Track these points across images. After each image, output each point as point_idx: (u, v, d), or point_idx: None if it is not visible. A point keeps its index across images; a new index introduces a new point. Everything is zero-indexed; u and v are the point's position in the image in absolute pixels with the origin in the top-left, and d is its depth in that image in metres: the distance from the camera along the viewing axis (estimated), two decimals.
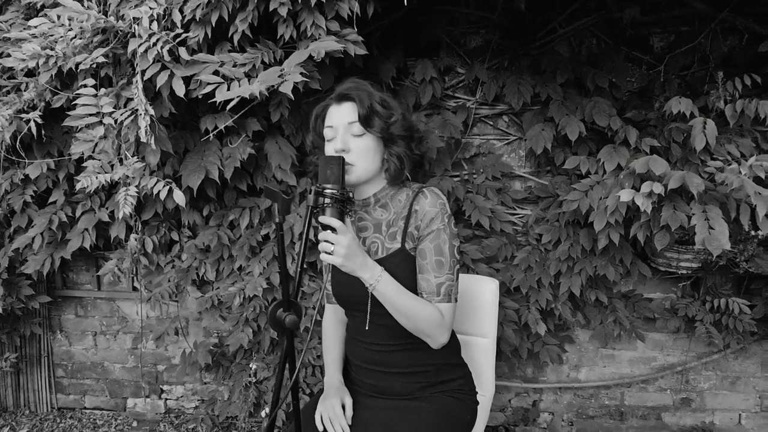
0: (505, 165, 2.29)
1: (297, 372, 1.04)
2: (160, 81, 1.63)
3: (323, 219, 1.06)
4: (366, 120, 1.16)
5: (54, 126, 2.03)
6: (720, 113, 1.88)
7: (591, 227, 1.94)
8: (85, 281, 2.56)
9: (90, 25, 1.66)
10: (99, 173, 1.82)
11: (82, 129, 1.77)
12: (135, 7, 1.63)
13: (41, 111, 1.86)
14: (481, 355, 1.55)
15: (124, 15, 1.66)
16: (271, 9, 1.54)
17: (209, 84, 1.61)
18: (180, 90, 1.64)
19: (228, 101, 1.56)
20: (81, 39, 1.71)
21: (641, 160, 1.69)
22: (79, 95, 1.72)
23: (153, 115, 1.68)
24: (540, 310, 2.23)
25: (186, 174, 1.94)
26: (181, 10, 1.62)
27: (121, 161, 1.83)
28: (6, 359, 2.46)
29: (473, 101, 2.28)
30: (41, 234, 2.14)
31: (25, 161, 2.04)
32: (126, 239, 2.18)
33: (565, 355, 2.42)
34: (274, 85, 1.51)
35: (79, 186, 1.81)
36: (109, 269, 2.24)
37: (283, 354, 1.12)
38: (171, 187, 1.83)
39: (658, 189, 1.64)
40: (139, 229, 2.20)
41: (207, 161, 1.94)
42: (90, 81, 1.73)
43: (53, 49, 1.70)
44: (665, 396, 2.41)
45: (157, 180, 1.84)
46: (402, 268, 1.18)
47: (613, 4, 2.06)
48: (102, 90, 1.73)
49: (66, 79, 1.85)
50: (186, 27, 1.65)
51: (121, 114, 1.69)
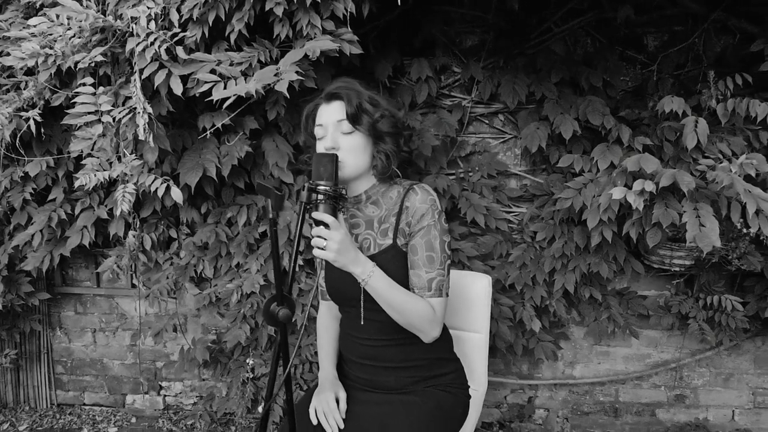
0: (501, 163, 2.31)
1: (290, 365, 1.06)
2: (158, 79, 1.65)
3: (316, 215, 1.08)
4: (354, 118, 1.18)
5: (53, 124, 2.04)
6: (712, 112, 1.90)
7: (585, 225, 1.96)
8: (85, 278, 2.58)
9: (89, 25, 1.68)
10: (98, 171, 1.84)
11: (81, 127, 1.78)
12: (133, 7, 1.65)
13: (41, 109, 1.88)
14: (474, 351, 1.57)
15: (122, 14, 1.67)
16: (267, 9, 1.55)
17: (206, 82, 1.62)
18: (177, 88, 1.65)
19: (225, 99, 1.58)
20: (80, 38, 1.72)
21: (633, 158, 1.71)
22: (78, 93, 1.73)
23: (151, 114, 1.70)
24: (535, 307, 2.25)
25: (184, 172, 1.96)
26: (179, 9, 1.64)
27: (120, 159, 1.85)
28: (6, 356, 2.48)
29: (469, 100, 2.30)
30: (41, 231, 2.16)
31: (25, 159, 2.06)
32: (125, 236, 2.19)
33: (560, 352, 2.44)
34: (270, 84, 1.53)
35: (78, 183, 1.83)
36: (108, 266, 2.26)
37: (277, 348, 1.14)
38: (169, 185, 1.85)
39: (649, 187, 1.65)
40: (138, 227, 2.21)
41: (205, 159, 1.96)
42: (89, 79, 1.75)
43: (52, 48, 1.72)
44: (659, 392, 2.43)
45: (155, 177, 1.86)
46: (394, 263, 1.20)
47: (608, 3, 2.07)
48: (101, 88, 1.75)
49: (65, 78, 1.87)
50: (183, 26, 1.67)
51: (120, 112, 1.71)
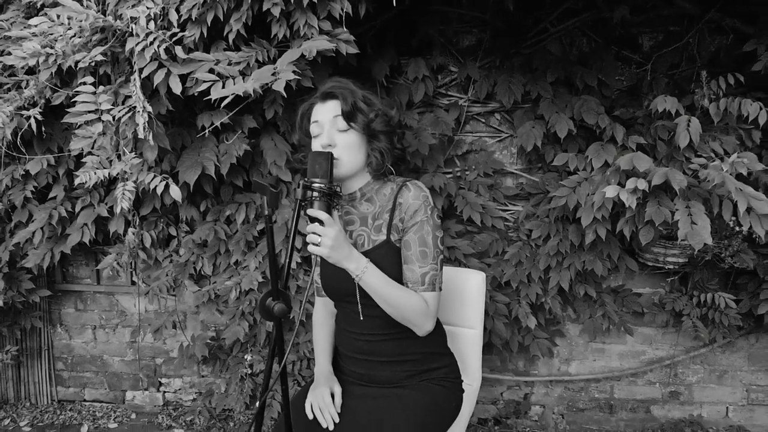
0: (497, 162, 2.33)
1: (285, 358, 1.08)
2: (157, 79, 1.67)
3: (311, 212, 1.10)
4: (349, 116, 1.20)
5: (54, 123, 2.07)
6: (705, 111, 1.92)
7: (579, 223, 1.98)
8: (85, 275, 2.60)
9: (89, 24, 1.70)
10: (98, 169, 1.86)
11: (81, 126, 1.81)
12: (133, 7, 1.68)
13: (41, 108, 1.90)
14: (468, 346, 1.60)
15: (122, 14, 1.69)
16: (265, 9, 1.57)
17: (205, 82, 1.64)
18: (177, 88, 1.68)
19: (223, 99, 1.60)
20: (80, 38, 1.75)
21: (626, 156, 1.73)
22: (79, 92, 1.76)
23: (150, 112, 1.72)
24: (530, 304, 2.27)
25: (183, 170, 1.98)
26: (178, 9, 1.66)
27: (120, 157, 1.87)
28: (7, 352, 2.50)
29: (465, 99, 2.32)
30: (41, 229, 2.19)
31: (26, 157, 2.08)
32: (125, 234, 2.21)
33: (556, 349, 2.46)
34: (267, 83, 1.55)
35: (78, 181, 1.85)
36: (108, 263, 2.28)
37: (273, 343, 1.16)
38: (168, 183, 1.87)
39: (642, 185, 1.68)
40: (138, 224, 2.24)
41: (203, 157, 1.98)
42: (89, 79, 1.77)
43: (53, 48, 1.74)
44: (654, 389, 2.45)
45: (155, 175, 1.88)
46: (387, 259, 1.22)
47: (603, 3, 2.09)
48: (101, 87, 1.77)
49: (65, 77, 1.89)
50: (182, 26, 1.69)
51: (120, 111, 1.73)
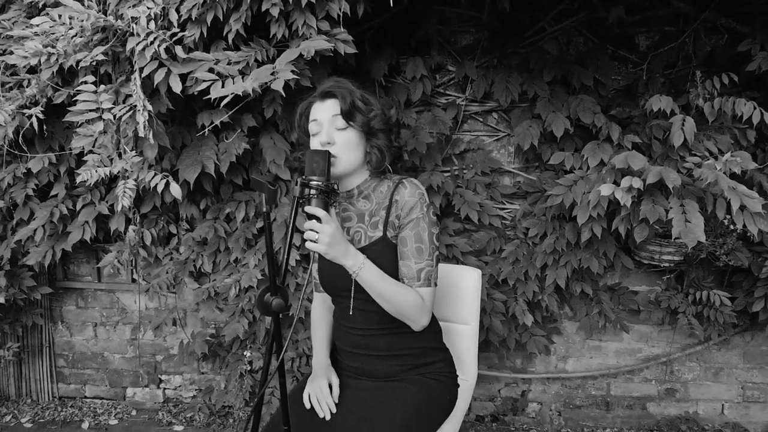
0: (495, 161, 2.35)
1: (284, 352, 1.10)
2: (157, 78, 1.69)
3: (308, 209, 1.12)
4: (348, 114, 1.22)
5: (55, 121, 2.08)
6: (701, 111, 1.94)
7: (575, 221, 1.99)
8: (86, 273, 2.62)
9: (90, 24, 1.72)
10: (99, 167, 1.88)
11: (82, 124, 1.83)
12: (133, 7, 1.69)
13: (43, 107, 1.92)
14: (464, 342, 1.62)
15: (122, 14, 1.71)
16: (264, 9, 1.59)
17: (205, 81, 1.66)
18: (177, 87, 1.70)
19: (223, 98, 1.62)
20: (81, 37, 1.77)
21: (621, 155, 1.75)
22: (80, 91, 1.77)
23: (151, 111, 1.74)
24: (527, 301, 2.29)
25: (183, 168, 2.00)
26: (178, 9, 1.68)
27: (120, 155, 1.89)
28: (8, 349, 2.52)
29: (463, 98, 2.34)
30: (43, 226, 2.20)
31: (27, 155, 2.10)
32: (125, 232, 2.23)
33: (553, 347, 2.48)
34: (266, 83, 1.57)
35: (80, 179, 1.87)
36: (109, 261, 2.30)
37: (271, 338, 1.18)
38: (168, 181, 1.89)
39: (636, 184, 1.70)
40: (138, 222, 2.26)
41: (203, 156, 2.00)
42: (90, 78, 1.79)
43: (54, 47, 1.76)
44: (650, 386, 2.47)
45: (155, 174, 1.90)
46: (384, 255, 1.24)
47: (600, 3, 2.11)
48: (102, 86, 1.79)
49: (67, 76, 1.91)
50: (182, 26, 1.71)
51: (120, 110, 1.75)
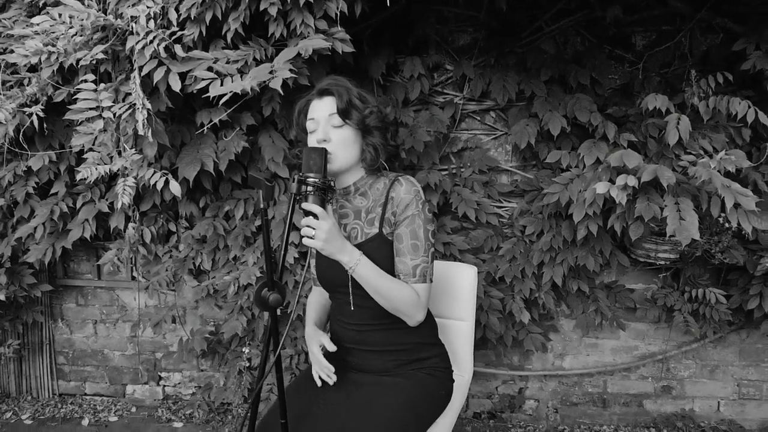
0: (492, 159, 2.36)
1: (280, 346, 1.12)
2: (156, 76, 1.71)
3: (305, 205, 1.13)
4: (345, 112, 1.24)
5: (55, 119, 2.10)
6: (696, 110, 1.95)
7: (572, 219, 2.01)
8: (86, 271, 2.63)
9: (90, 23, 1.74)
10: (98, 165, 1.89)
11: (82, 122, 1.84)
12: (133, 6, 1.71)
13: (43, 105, 1.93)
14: (460, 338, 1.63)
15: (122, 13, 1.73)
16: (262, 8, 1.61)
17: (204, 79, 1.68)
18: (176, 85, 1.71)
19: (222, 96, 1.63)
20: (81, 36, 1.78)
21: (616, 154, 1.76)
22: (80, 90, 1.79)
23: (150, 109, 1.76)
24: (524, 299, 2.30)
25: (182, 166, 2.01)
26: (177, 8, 1.69)
27: (120, 153, 1.91)
28: (9, 346, 2.53)
29: (461, 97, 2.35)
30: (43, 224, 2.21)
31: (28, 153, 2.12)
32: (125, 230, 2.25)
33: (550, 344, 2.49)
34: (265, 81, 1.59)
35: (80, 177, 1.89)
36: (109, 259, 2.32)
37: (269, 333, 1.19)
38: (168, 179, 1.91)
39: (632, 182, 1.71)
40: (138, 220, 2.27)
41: (202, 154, 2.01)
42: (90, 76, 1.81)
43: (55, 46, 1.78)
44: (647, 384, 2.48)
45: (155, 171, 1.92)
46: (380, 251, 1.26)
47: (597, 3, 2.12)
48: (101, 85, 1.80)
49: (67, 75, 1.93)
50: (182, 25, 1.73)
51: (120, 108, 1.77)
